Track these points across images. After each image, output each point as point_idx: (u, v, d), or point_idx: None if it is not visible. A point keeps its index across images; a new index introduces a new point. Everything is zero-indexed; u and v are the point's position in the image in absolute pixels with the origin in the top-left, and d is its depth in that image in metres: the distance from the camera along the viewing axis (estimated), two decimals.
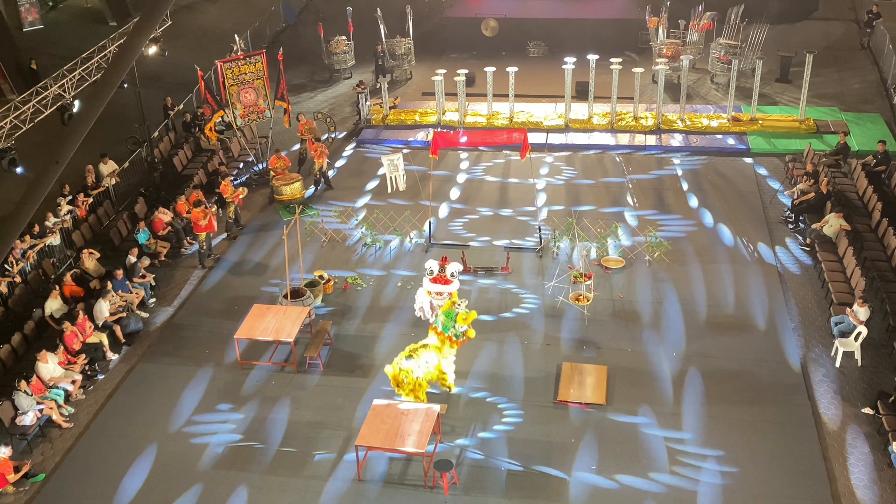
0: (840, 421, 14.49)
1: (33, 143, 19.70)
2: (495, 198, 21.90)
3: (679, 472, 13.67)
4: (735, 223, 20.20)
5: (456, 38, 31.05)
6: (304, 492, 13.63)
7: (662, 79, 24.55)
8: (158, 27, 21.45)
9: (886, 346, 15.99)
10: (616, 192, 21.84)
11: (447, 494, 13.41)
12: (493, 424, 14.74)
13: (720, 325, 16.90)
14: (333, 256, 19.67)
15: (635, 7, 31.02)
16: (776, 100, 26.28)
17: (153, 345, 17.22)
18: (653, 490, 13.37)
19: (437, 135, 19.72)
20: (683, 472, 13.66)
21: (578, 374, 15.64)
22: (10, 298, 17.42)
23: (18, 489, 13.91)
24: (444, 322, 14.86)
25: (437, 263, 15.89)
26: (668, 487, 13.40)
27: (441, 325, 14.89)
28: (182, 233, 20.33)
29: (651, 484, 13.47)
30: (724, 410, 14.80)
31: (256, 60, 22.78)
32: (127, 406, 15.68)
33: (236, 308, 17.84)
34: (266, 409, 15.39)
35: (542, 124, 25.15)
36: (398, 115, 25.93)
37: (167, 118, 24.61)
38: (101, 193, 21.24)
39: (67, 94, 19.41)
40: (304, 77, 29.71)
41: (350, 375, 16.01)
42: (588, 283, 17.59)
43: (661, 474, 13.64)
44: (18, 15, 31.32)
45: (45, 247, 18.91)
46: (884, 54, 27.26)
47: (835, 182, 20.63)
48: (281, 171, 21.85)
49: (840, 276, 17.36)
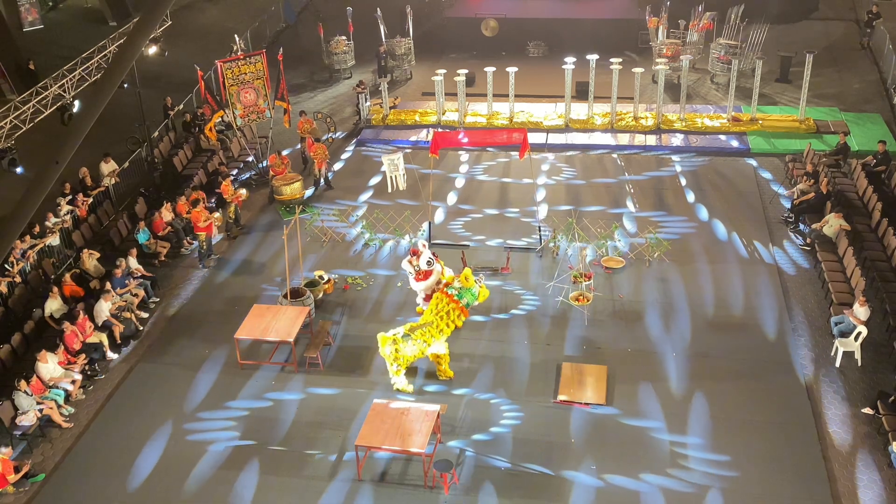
0: (840, 421, 14.49)
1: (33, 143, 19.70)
2: (495, 198, 21.90)
3: (679, 472, 13.67)
4: (735, 223, 20.20)
5: (456, 38, 31.05)
6: (304, 492, 13.63)
7: (662, 79, 24.55)
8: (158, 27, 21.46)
9: (886, 346, 15.99)
10: (616, 192, 21.84)
11: (447, 494, 13.41)
12: (493, 424, 14.74)
13: (720, 325, 16.90)
14: (333, 256, 19.68)
15: (635, 7, 31.02)
16: (776, 100, 26.28)
17: (153, 345, 17.22)
18: (653, 490, 13.37)
19: (437, 135, 19.72)
20: (683, 472, 13.66)
21: (578, 374, 15.64)
22: (10, 298, 17.42)
23: (18, 489, 13.91)
24: (460, 291, 15.25)
25: (409, 265, 16.11)
26: (668, 487, 13.40)
27: (456, 293, 15.24)
28: (182, 233, 20.33)
29: (651, 484, 13.47)
30: (724, 410, 14.80)
31: (256, 60, 22.78)
32: (127, 406, 15.68)
33: (236, 308, 17.84)
34: (266, 409, 15.40)
35: (542, 124, 25.15)
36: (398, 115, 25.94)
37: (167, 118, 24.61)
38: (101, 193, 21.23)
39: (67, 94, 19.42)
40: (304, 77, 29.71)
41: (350, 375, 16.01)
42: (588, 283, 17.59)
43: (661, 474, 13.63)
44: (18, 15, 31.34)
45: (45, 247, 18.90)
46: (884, 54, 27.26)
47: (835, 182, 20.63)
48: (281, 171, 21.86)
49: (840, 276, 17.36)
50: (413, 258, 16.60)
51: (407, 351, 15.03)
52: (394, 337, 15.02)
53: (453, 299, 15.21)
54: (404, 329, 15.18)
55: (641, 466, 13.78)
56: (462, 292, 15.23)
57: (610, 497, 13.32)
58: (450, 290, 15.28)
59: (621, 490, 13.42)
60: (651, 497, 13.27)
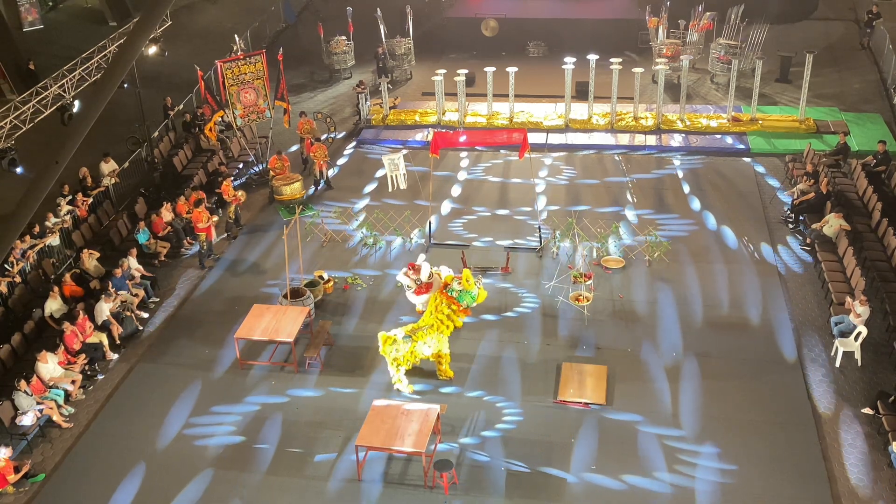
0: (840, 421, 14.48)
1: (33, 143, 19.71)
2: (495, 198, 21.90)
3: (679, 472, 13.66)
4: (735, 223, 20.20)
5: (456, 38, 31.04)
6: (304, 492, 13.64)
7: (662, 79, 24.55)
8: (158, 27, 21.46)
9: (886, 346, 15.99)
10: (616, 192, 21.84)
11: (447, 494, 13.41)
12: (492, 424, 14.74)
13: (720, 325, 16.90)
14: (333, 256, 19.68)
15: (635, 7, 31.02)
16: (776, 100, 26.28)
17: (153, 345, 17.22)
18: (652, 490, 13.37)
19: (437, 134, 19.73)
20: (683, 472, 13.66)
21: (578, 374, 15.64)
22: (10, 298, 17.42)
23: (18, 489, 13.91)
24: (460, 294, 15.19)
25: (406, 278, 16.04)
26: (668, 487, 13.40)
27: (456, 294, 15.19)
28: (182, 233, 20.33)
29: (651, 484, 13.47)
30: (724, 410, 14.80)
31: (256, 60, 22.78)
32: (127, 406, 15.68)
33: (236, 308, 17.84)
34: (266, 409, 15.39)
35: (542, 124, 25.15)
36: (398, 116, 25.94)
37: (167, 118, 24.61)
38: (101, 193, 21.24)
39: (67, 94, 19.42)
40: (304, 77, 29.71)
41: (350, 375, 16.01)
42: (588, 283, 17.59)
43: (661, 474, 13.63)
44: (18, 15, 31.35)
45: (45, 247, 18.90)
46: (884, 54, 27.26)
47: (835, 182, 20.63)
48: (281, 171, 21.85)
49: (840, 276, 17.36)
50: (411, 272, 16.51)
51: (407, 351, 15.04)
52: (394, 338, 15.02)
53: (454, 301, 15.21)
54: (404, 331, 15.18)
55: (641, 466, 13.78)
56: (462, 294, 15.21)
57: (610, 497, 13.32)
58: (450, 291, 15.27)
59: (621, 490, 13.41)
60: (651, 497, 13.27)
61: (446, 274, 15.65)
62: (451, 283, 15.39)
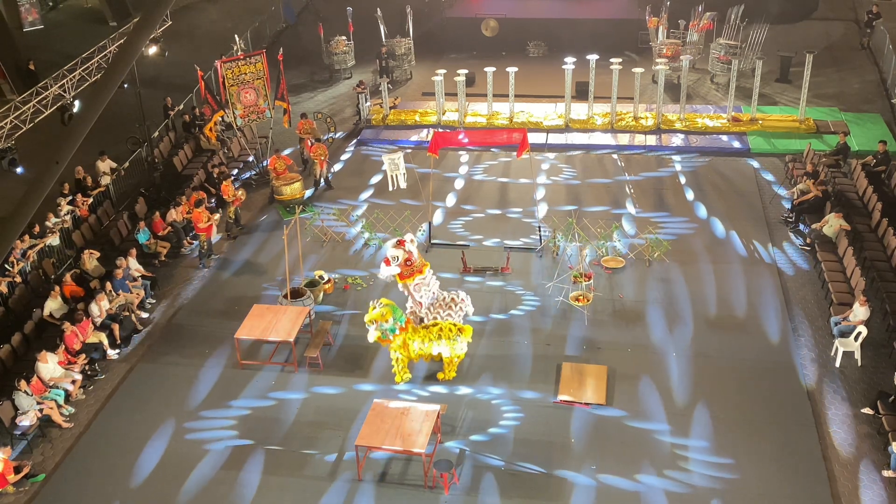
0: (840, 421, 14.49)
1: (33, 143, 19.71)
2: (495, 198, 21.90)
3: (679, 472, 13.66)
4: (735, 223, 20.19)
5: (456, 38, 31.06)
6: (304, 492, 13.63)
7: (662, 79, 24.55)
8: (158, 27, 21.46)
9: (886, 346, 15.99)
10: (616, 192, 21.84)
11: (447, 494, 13.41)
12: (493, 424, 14.74)
13: (720, 325, 16.89)
14: (333, 256, 19.68)
15: (635, 7, 31.03)
16: (776, 100, 26.28)
17: (153, 345, 17.22)
18: (652, 490, 13.36)
19: (437, 134, 19.72)
20: (683, 472, 13.66)
21: (578, 374, 15.64)
22: (10, 298, 17.42)
23: (18, 489, 13.91)
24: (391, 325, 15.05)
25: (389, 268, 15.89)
26: (668, 487, 13.39)
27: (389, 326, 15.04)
28: (182, 233, 20.33)
29: (651, 484, 13.47)
30: (724, 410, 14.80)
31: (256, 60, 22.78)
32: (127, 406, 15.68)
33: (236, 308, 17.84)
34: (266, 408, 15.40)
35: (542, 124, 25.15)
36: (398, 115, 25.94)
37: (167, 118, 24.61)
38: (101, 193, 21.24)
39: (67, 94, 19.44)
40: (304, 77, 29.71)
41: (350, 375, 16.01)
42: (588, 283, 17.59)
43: (661, 474, 13.62)
44: (18, 15, 31.37)
45: (46, 247, 18.91)
46: (884, 54, 27.26)
47: (835, 182, 20.63)
48: (281, 171, 21.85)
49: (840, 276, 17.36)
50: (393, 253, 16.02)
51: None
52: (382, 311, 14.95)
53: (386, 341, 15.16)
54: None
55: (641, 467, 13.78)
56: (386, 331, 15.09)
57: (610, 497, 13.32)
58: (381, 330, 15.09)
59: (621, 490, 13.41)
60: (651, 497, 13.27)
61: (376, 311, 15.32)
62: (382, 322, 15.10)
